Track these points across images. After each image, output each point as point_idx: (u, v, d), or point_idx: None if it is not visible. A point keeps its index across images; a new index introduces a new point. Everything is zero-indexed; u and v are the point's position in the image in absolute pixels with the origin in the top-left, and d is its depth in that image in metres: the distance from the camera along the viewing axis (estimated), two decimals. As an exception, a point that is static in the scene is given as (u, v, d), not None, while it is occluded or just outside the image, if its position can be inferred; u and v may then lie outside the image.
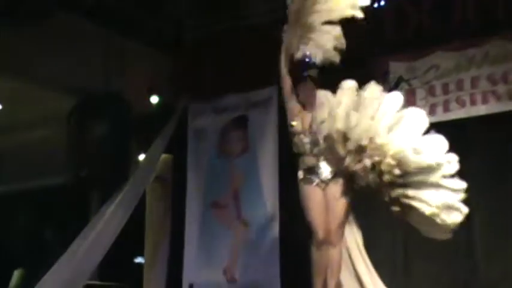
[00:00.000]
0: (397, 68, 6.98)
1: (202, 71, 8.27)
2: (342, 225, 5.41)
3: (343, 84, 5.18)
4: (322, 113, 5.22)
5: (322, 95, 5.29)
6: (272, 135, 7.75)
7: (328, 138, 5.11)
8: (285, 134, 5.90)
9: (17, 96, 8.60)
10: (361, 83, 5.17)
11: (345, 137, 5.01)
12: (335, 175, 5.33)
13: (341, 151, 5.04)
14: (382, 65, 7.02)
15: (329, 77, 5.61)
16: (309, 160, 5.42)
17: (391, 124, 4.96)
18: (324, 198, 5.38)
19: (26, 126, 9.42)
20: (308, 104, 5.51)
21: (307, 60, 5.47)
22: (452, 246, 6.00)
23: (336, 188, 5.35)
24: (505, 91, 6.60)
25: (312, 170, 5.41)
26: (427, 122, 4.94)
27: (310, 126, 5.43)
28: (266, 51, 7.74)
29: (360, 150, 4.96)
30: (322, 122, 5.18)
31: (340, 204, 5.35)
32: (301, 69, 5.51)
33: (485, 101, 6.67)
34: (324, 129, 5.15)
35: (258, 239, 7.65)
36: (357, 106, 5.05)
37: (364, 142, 4.94)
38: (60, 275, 7.26)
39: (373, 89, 5.11)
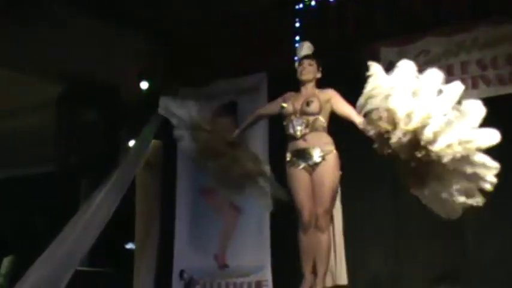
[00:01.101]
0: (387, 53, 6.96)
1: (192, 58, 8.26)
2: (329, 211, 5.42)
3: (400, 63, 4.77)
4: (370, 87, 4.80)
5: (375, 70, 4.84)
6: (262, 121, 7.74)
7: (373, 113, 4.76)
8: (275, 120, 5.92)
9: (4, 83, 8.54)
10: (352, 69, 5.15)
11: (394, 118, 4.65)
12: (323, 159, 5.35)
13: (384, 128, 4.68)
14: (373, 51, 7.02)
15: (319, 63, 5.64)
16: (298, 143, 5.44)
17: (446, 113, 4.56)
18: (310, 182, 5.40)
19: (14, 113, 9.36)
20: (307, 81, 5.56)
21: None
22: (443, 230, 6.04)
23: (323, 173, 5.37)
24: (495, 76, 6.63)
25: (300, 154, 5.43)
26: (483, 114, 4.55)
27: (302, 107, 5.45)
28: (256, 38, 7.81)
29: (410, 135, 4.60)
30: (370, 97, 4.77)
31: (326, 189, 5.37)
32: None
33: (475, 86, 6.69)
34: (371, 104, 4.76)
35: (249, 224, 7.67)
36: (414, 90, 4.65)
37: (414, 127, 4.58)
38: (50, 261, 7.29)
39: (432, 73, 4.69)
